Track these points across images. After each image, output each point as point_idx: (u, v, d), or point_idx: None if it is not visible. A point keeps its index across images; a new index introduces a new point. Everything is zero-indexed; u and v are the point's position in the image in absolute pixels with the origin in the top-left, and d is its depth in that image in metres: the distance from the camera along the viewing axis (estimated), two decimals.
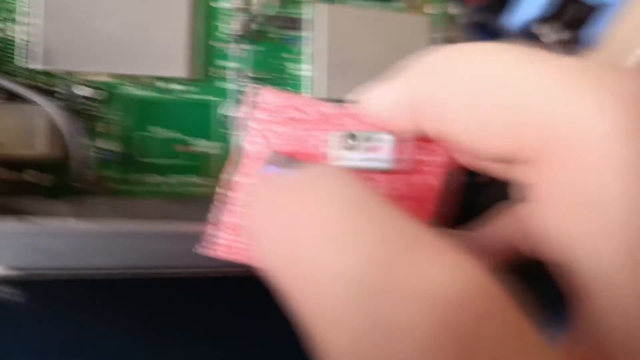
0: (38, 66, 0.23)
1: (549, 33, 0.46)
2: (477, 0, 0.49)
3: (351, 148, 0.16)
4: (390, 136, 0.16)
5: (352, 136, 0.16)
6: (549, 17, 0.47)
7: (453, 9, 0.31)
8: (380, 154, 0.16)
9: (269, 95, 0.17)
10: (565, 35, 0.47)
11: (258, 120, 0.17)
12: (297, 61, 0.27)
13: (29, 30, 0.23)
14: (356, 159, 0.16)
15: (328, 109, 0.17)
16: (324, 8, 0.27)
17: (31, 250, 0.19)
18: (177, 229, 0.20)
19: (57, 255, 0.19)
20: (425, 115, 0.15)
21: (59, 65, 0.24)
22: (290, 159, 0.16)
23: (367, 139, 0.16)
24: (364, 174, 0.17)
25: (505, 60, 0.13)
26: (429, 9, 0.29)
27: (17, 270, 0.19)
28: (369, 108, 0.16)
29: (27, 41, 0.23)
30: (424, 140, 0.16)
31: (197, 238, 0.19)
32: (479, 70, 0.13)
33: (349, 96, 0.17)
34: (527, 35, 0.47)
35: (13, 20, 0.24)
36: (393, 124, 0.16)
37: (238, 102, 0.25)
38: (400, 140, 0.16)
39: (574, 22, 0.48)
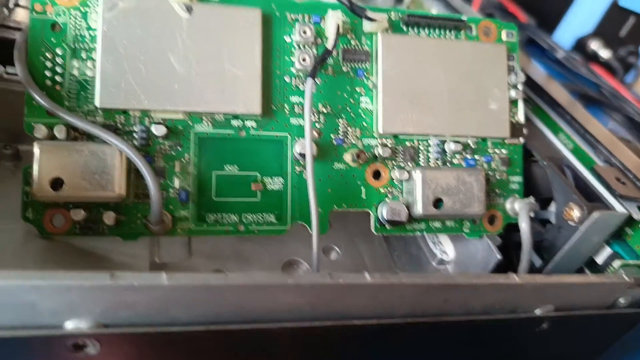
0: (114, 106, 0.23)
1: (604, 49, 0.45)
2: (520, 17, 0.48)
3: None
4: None
5: None
6: (604, 33, 0.46)
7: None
8: None
9: None
10: (623, 51, 0.46)
11: None
12: (368, 94, 0.27)
13: (104, 70, 0.23)
14: None
15: None
16: (394, 40, 0.27)
17: (119, 306, 0.18)
18: (266, 282, 0.19)
19: (144, 312, 0.18)
20: None
21: (134, 105, 0.23)
22: None
23: None
24: None
25: None
26: (503, 36, 0.28)
27: (104, 326, 0.18)
28: None
29: (103, 81, 0.23)
30: None
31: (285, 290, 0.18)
32: None
33: None
34: (581, 52, 0.46)
35: (89, 60, 0.23)
36: None
37: (313, 138, 0.25)
38: None
39: (632, 36, 0.47)
